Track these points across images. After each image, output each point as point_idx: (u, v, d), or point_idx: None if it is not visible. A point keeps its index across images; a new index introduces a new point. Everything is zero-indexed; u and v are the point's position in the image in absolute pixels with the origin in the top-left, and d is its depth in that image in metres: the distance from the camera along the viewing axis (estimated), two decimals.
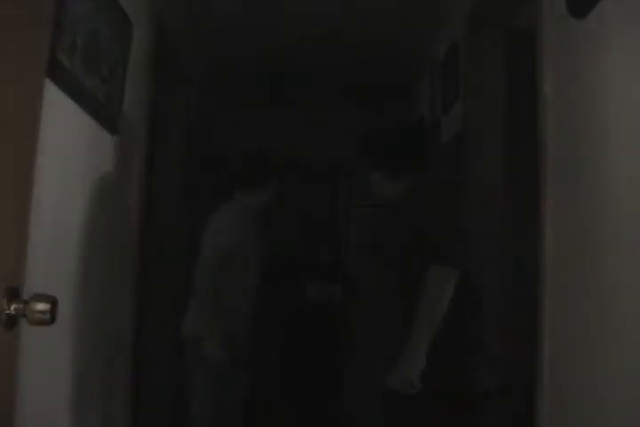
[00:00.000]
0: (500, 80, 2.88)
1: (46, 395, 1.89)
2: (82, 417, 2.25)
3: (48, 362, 1.87)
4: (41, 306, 1.20)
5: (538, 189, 2.04)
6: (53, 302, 1.21)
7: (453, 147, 3.18)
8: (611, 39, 1.65)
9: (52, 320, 1.22)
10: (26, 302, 1.20)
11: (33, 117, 1.32)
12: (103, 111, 2.25)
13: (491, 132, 2.89)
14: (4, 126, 1.18)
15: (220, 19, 3.76)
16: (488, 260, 2.70)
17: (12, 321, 1.18)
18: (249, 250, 2.88)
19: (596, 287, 1.69)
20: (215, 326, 2.72)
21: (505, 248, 2.69)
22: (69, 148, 2.00)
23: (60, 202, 1.93)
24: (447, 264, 2.06)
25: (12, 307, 1.17)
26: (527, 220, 2.14)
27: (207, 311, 2.77)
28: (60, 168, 1.90)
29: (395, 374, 2.06)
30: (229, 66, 4.57)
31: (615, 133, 1.62)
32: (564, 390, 1.86)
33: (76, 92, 1.95)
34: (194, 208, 3.02)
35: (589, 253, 1.73)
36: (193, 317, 2.84)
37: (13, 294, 1.18)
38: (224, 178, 3.04)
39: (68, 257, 2.00)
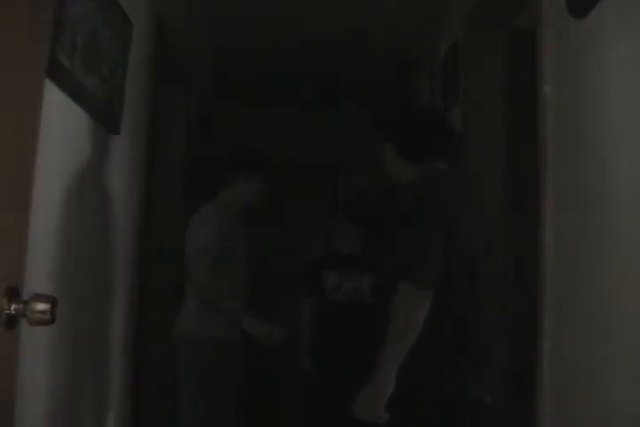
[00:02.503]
0: (499, 80, 2.88)
1: (46, 395, 1.89)
2: (81, 417, 2.25)
3: (48, 362, 1.87)
4: (41, 306, 1.20)
5: (538, 189, 2.04)
6: (53, 302, 1.21)
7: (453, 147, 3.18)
8: (611, 39, 1.65)
9: (52, 320, 1.22)
10: (26, 302, 1.19)
11: (33, 117, 1.32)
12: (103, 111, 2.25)
13: (491, 132, 2.89)
14: (4, 126, 1.18)
15: (219, 19, 3.76)
16: (488, 260, 2.70)
17: (12, 321, 1.17)
18: (234, 248, 2.85)
19: (595, 287, 1.69)
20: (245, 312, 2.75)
21: (505, 248, 2.69)
22: (69, 148, 2.00)
23: (60, 202, 1.93)
24: (417, 285, 1.83)
25: (12, 307, 1.17)
26: (527, 220, 2.14)
27: (205, 311, 2.76)
28: (60, 168, 1.90)
29: (359, 404, 1.85)
30: (229, 66, 4.57)
31: (615, 133, 1.62)
32: (564, 390, 1.86)
33: (76, 92, 1.95)
34: (194, 208, 3.00)
35: (589, 253, 1.73)
36: (192, 316, 2.82)
37: (13, 294, 1.18)
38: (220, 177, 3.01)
39: (67, 257, 2.00)
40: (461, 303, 1.97)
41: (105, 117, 2.28)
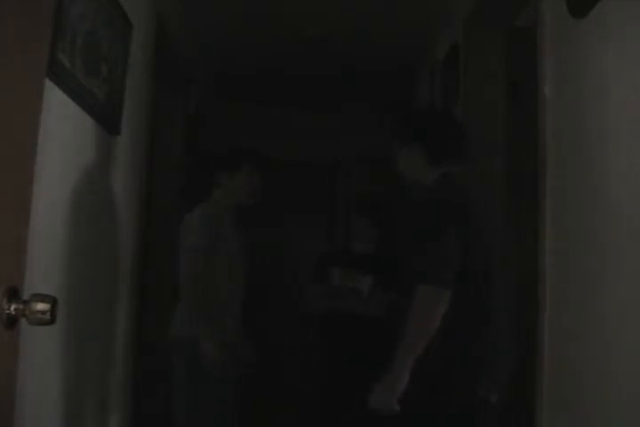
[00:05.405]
0: (499, 80, 2.88)
1: (46, 395, 1.89)
2: (81, 417, 2.25)
3: (48, 362, 1.87)
4: (41, 306, 1.20)
5: (538, 189, 2.05)
6: (53, 302, 1.21)
7: None
8: (611, 39, 1.65)
9: (52, 320, 1.22)
10: (26, 302, 1.19)
11: (33, 117, 1.32)
12: (103, 111, 2.26)
13: (491, 132, 2.89)
14: (3, 126, 1.18)
15: (219, 18, 3.76)
16: (502, 260, 2.69)
17: (12, 321, 1.17)
18: (227, 249, 2.82)
19: (595, 288, 1.69)
20: (206, 327, 2.67)
21: (505, 249, 2.69)
22: (69, 148, 2.00)
23: (60, 202, 1.93)
24: (438, 285, 1.87)
25: (12, 307, 1.17)
26: (527, 220, 2.14)
27: (195, 312, 2.73)
28: (60, 168, 1.90)
29: (375, 395, 1.93)
30: (229, 66, 4.57)
31: (615, 133, 1.63)
32: (564, 390, 1.86)
33: (76, 92, 1.96)
34: (193, 208, 2.99)
35: (589, 253, 1.73)
36: (183, 317, 2.81)
37: (13, 294, 1.18)
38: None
39: (67, 257, 2.00)
40: (474, 302, 1.98)
41: (105, 117, 2.28)
